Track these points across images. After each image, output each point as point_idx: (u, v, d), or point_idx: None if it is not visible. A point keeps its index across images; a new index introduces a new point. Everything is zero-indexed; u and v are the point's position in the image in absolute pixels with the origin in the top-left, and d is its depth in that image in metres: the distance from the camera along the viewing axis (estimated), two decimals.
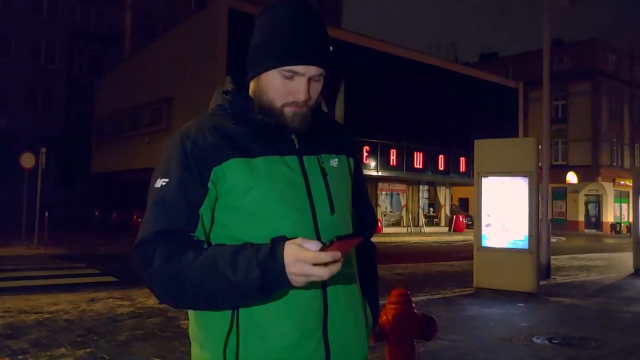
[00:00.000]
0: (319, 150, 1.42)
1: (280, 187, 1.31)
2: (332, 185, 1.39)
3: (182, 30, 24.53)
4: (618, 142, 41.60)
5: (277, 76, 1.33)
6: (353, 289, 1.41)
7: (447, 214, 33.63)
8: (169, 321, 6.23)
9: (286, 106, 1.34)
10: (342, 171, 1.46)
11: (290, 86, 1.33)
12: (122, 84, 29.24)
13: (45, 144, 20.63)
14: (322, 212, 1.35)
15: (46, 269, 11.01)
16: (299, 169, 1.35)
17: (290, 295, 1.27)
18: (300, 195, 1.33)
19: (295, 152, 1.37)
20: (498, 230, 9.08)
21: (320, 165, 1.39)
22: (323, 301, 1.32)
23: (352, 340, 1.39)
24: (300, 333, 1.28)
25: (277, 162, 1.33)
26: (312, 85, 1.35)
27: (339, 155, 1.47)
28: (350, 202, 1.48)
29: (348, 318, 1.37)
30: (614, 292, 9.47)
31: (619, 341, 5.74)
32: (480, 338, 5.76)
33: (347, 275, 1.37)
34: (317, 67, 1.34)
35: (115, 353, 4.90)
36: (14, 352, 4.85)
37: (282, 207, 1.30)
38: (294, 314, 1.28)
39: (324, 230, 1.33)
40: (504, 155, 9.08)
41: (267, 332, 1.27)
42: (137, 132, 26.58)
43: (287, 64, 1.31)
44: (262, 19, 1.38)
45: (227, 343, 1.28)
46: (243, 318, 1.28)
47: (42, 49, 31.52)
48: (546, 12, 12.22)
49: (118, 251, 15.10)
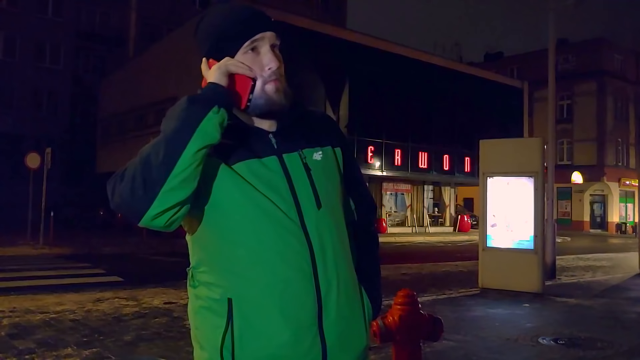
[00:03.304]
0: (299, 146, 1.40)
1: (261, 189, 1.31)
2: (317, 180, 1.38)
3: (187, 30, 24.55)
4: (623, 142, 41.45)
5: (241, 57, 1.36)
6: (348, 280, 1.41)
7: (452, 214, 33.57)
8: (174, 321, 6.24)
9: (266, 83, 1.36)
10: (328, 163, 1.44)
11: (258, 60, 1.36)
12: (127, 84, 29.31)
13: (51, 144, 20.70)
14: (307, 208, 1.34)
15: (52, 269, 11.04)
16: (279, 169, 1.35)
17: (283, 293, 1.29)
18: (282, 194, 1.33)
19: (274, 152, 1.36)
20: (503, 231, 9.06)
21: (303, 161, 1.38)
22: (316, 296, 1.32)
23: (349, 333, 1.39)
24: (295, 330, 1.29)
25: (255, 165, 1.33)
26: (276, 54, 1.39)
27: (323, 148, 1.44)
28: (341, 194, 1.47)
29: (343, 311, 1.37)
30: (619, 292, 9.44)
31: (625, 342, 5.71)
32: (486, 338, 5.74)
33: (341, 267, 1.39)
34: (271, 32, 1.38)
35: (121, 353, 4.91)
36: (21, 352, 4.86)
37: (265, 208, 1.30)
38: (286, 311, 1.29)
39: (311, 225, 1.34)
40: (509, 156, 9.06)
41: (261, 331, 1.28)
42: (142, 132, 26.62)
43: (246, 39, 1.35)
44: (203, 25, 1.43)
45: (224, 342, 1.30)
46: (237, 317, 1.29)
47: (47, 50, 31.62)
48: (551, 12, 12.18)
49: (123, 251, 15.14)
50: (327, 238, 1.36)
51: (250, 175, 1.31)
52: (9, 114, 30.14)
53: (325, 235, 1.36)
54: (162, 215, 1.20)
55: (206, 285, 1.35)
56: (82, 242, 17.17)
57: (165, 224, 1.23)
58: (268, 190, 1.31)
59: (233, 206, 1.30)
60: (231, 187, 1.30)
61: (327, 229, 1.37)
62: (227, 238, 1.31)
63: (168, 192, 1.18)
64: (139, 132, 27.00)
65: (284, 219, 1.31)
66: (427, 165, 29.02)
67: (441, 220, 33.07)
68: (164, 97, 24.64)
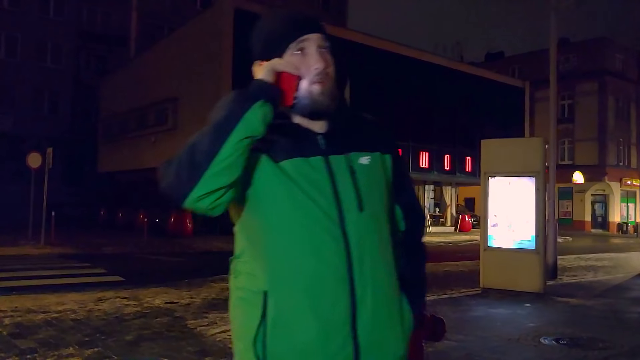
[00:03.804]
0: (347, 149, 1.43)
1: (304, 187, 1.35)
2: (361, 183, 1.40)
3: (188, 30, 24.58)
4: (625, 142, 41.41)
5: (289, 58, 1.40)
6: (386, 286, 1.41)
7: (453, 214, 33.56)
8: (176, 321, 6.24)
9: (312, 83, 1.39)
10: (375, 169, 1.45)
11: (305, 61, 1.40)
12: (128, 84, 29.32)
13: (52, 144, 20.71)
14: (349, 209, 1.37)
15: (53, 269, 11.05)
16: (324, 169, 1.38)
17: (315, 290, 1.32)
18: (324, 194, 1.36)
19: (320, 153, 1.39)
20: (505, 231, 9.05)
21: (348, 164, 1.41)
22: (351, 297, 1.33)
23: (385, 338, 1.39)
24: (324, 328, 1.31)
25: (301, 164, 1.36)
26: (323, 55, 1.42)
27: (372, 153, 1.46)
28: (387, 200, 1.47)
29: (379, 315, 1.37)
30: (621, 292, 9.43)
31: (626, 342, 5.70)
32: (487, 338, 5.74)
33: (380, 272, 1.39)
34: (318, 34, 1.42)
35: (123, 353, 4.91)
36: (22, 352, 4.86)
37: (304, 206, 1.34)
38: (318, 308, 1.31)
39: (351, 226, 1.36)
40: (510, 155, 9.05)
41: (293, 325, 1.32)
42: (143, 131, 26.65)
43: (293, 40, 1.40)
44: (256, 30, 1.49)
45: (257, 334, 1.34)
46: (270, 310, 1.33)
47: (48, 50, 31.66)
48: (552, 12, 12.17)
49: (124, 251, 15.15)
50: (367, 241, 1.37)
51: (295, 172, 1.35)
52: (10, 114, 30.18)
53: (365, 238, 1.37)
54: (205, 198, 1.27)
55: (246, 276, 1.42)
56: (83, 241, 17.18)
57: (209, 206, 1.29)
58: (311, 188, 1.35)
59: (273, 201, 1.35)
60: (274, 182, 1.35)
61: (368, 233, 1.38)
62: (265, 230, 1.36)
63: (211, 177, 1.24)
64: (140, 132, 27.02)
65: (322, 218, 1.34)
66: (428, 165, 29.01)
67: (442, 220, 33.06)
68: (165, 97, 24.67)
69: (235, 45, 20.92)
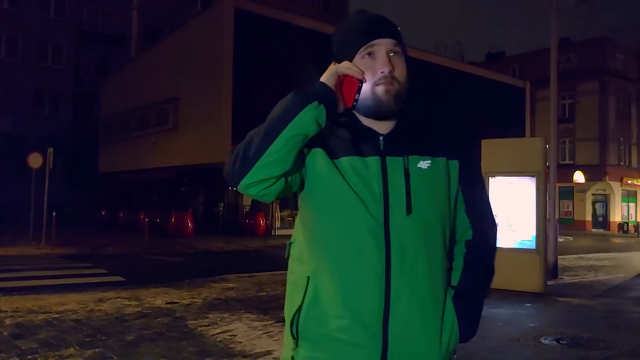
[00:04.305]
0: (407, 151, 1.45)
1: (354, 185, 1.39)
2: (415, 186, 1.42)
3: (189, 30, 24.57)
4: (625, 142, 41.35)
5: (359, 61, 1.45)
6: (427, 291, 1.41)
7: None
8: (176, 321, 6.25)
9: (377, 85, 1.43)
10: (435, 173, 1.45)
11: (373, 64, 1.44)
12: (128, 84, 29.33)
13: (53, 144, 20.75)
14: (396, 211, 1.39)
15: (54, 269, 11.06)
16: (379, 170, 1.42)
17: (349, 285, 1.37)
18: (374, 194, 1.39)
19: (378, 153, 1.43)
20: (505, 230, 9.05)
21: (405, 166, 1.43)
22: (385, 297, 1.36)
23: (417, 343, 1.39)
24: (353, 321, 1.36)
25: (357, 162, 1.42)
26: (393, 60, 1.46)
27: (435, 158, 1.46)
28: (444, 206, 1.46)
29: (413, 319, 1.38)
30: (622, 292, 9.43)
31: (627, 342, 5.71)
32: (488, 338, 5.74)
33: (421, 275, 1.39)
34: (389, 39, 1.46)
35: (124, 353, 4.92)
36: (23, 352, 4.87)
37: (351, 203, 1.39)
38: (349, 302, 1.37)
39: (395, 228, 1.38)
40: (511, 155, 9.05)
41: (324, 313, 1.39)
42: (144, 132, 26.66)
43: (362, 44, 1.45)
44: (336, 32, 1.56)
45: (295, 316, 1.44)
46: (308, 295, 1.42)
47: (49, 50, 31.68)
48: (553, 11, 12.17)
49: (125, 251, 15.16)
50: (410, 244, 1.39)
51: (351, 171, 1.41)
52: (11, 114, 30.19)
53: (409, 241, 1.38)
54: (254, 186, 1.38)
55: (295, 260, 1.51)
56: (84, 242, 17.18)
57: (258, 194, 1.40)
58: (362, 188, 1.40)
59: (324, 196, 1.42)
60: (327, 177, 1.41)
61: (413, 235, 1.39)
62: (314, 222, 1.44)
63: (260, 168, 1.34)
64: (141, 132, 27.03)
65: (366, 217, 1.38)
66: None
67: None
68: (165, 97, 24.68)
69: (235, 44, 20.92)
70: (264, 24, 21.29)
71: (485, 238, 1.56)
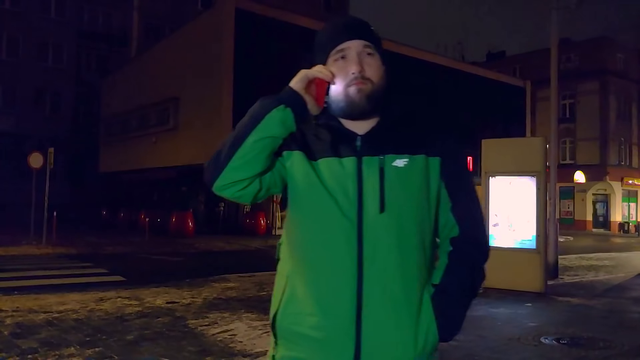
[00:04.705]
0: (384, 151, 1.45)
1: (329, 186, 1.42)
2: (389, 185, 1.42)
3: (189, 30, 24.57)
4: (626, 141, 41.34)
5: (332, 64, 1.48)
6: (399, 289, 1.40)
7: None
8: (177, 321, 6.25)
9: (349, 86, 1.45)
10: (412, 171, 1.44)
11: (344, 66, 1.46)
12: (129, 83, 29.33)
13: (53, 144, 20.74)
14: (369, 210, 1.41)
15: (54, 269, 11.06)
16: (354, 170, 1.43)
17: (322, 284, 1.40)
18: (348, 194, 1.41)
19: (354, 154, 1.45)
20: (505, 230, 9.06)
21: (380, 166, 1.43)
22: (357, 295, 1.38)
23: (391, 340, 1.39)
24: (325, 319, 1.39)
25: (334, 164, 1.44)
26: (365, 61, 1.47)
27: (414, 155, 1.45)
28: (421, 203, 1.45)
29: (387, 317, 1.39)
30: (622, 292, 9.43)
31: (627, 341, 5.71)
32: (488, 338, 5.74)
33: (394, 273, 1.39)
34: (359, 40, 1.48)
35: (124, 352, 4.92)
36: (24, 352, 4.88)
37: (324, 204, 1.41)
38: (322, 301, 1.39)
39: (368, 228, 1.40)
40: (511, 155, 9.05)
41: (298, 311, 1.42)
42: (145, 131, 26.65)
43: (333, 47, 1.48)
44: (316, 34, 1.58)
45: (275, 314, 1.47)
46: (286, 294, 1.46)
47: (50, 49, 31.69)
48: (554, 11, 12.17)
49: (126, 251, 15.16)
50: (383, 242, 1.39)
51: (327, 172, 1.44)
52: (11, 114, 30.20)
53: (381, 240, 1.39)
54: (228, 188, 1.44)
55: (282, 260, 1.55)
56: (84, 241, 17.19)
57: (233, 195, 1.46)
58: (336, 188, 1.42)
59: (300, 197, 1.46)
60: (303, 179, 1.45)
61: (386, 234, 1.40)
62: (293, 224, 1.49)
63: (230, 171, 1.41)
64: (142, 132, 27.02)
65: (339, 217, 1.40)
66: None
67: None
68: (166, 97, 24.67)
69: (236, 44, 20.93)
70: (264, 24, 21.29)
71: (471, 235, 1.51)
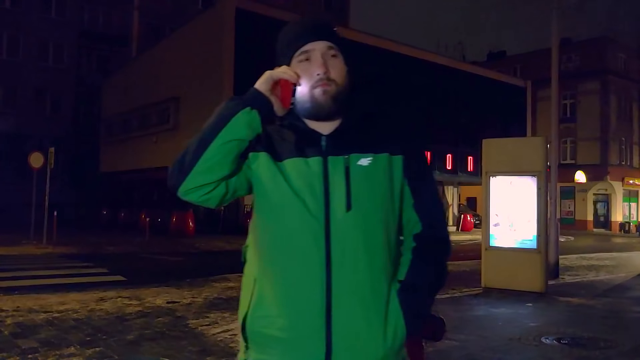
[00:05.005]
0: (348, 150, 1.45)
1: (296, 186, 1.41)
2: (355, 184, 1.42)
3: (190, 29, 24.59)
4: (627, 141, 41.33)
5: (296, 65, 1.47)
6: (367, 287, 1.41)
7: (455, 214, 33.52)
8: (177, 321, 6.25)
9: (314, 88, 1.44)
10: (376, 170, 1.45)
11: (309, 68, 1.45)
12: (129, 83, 29.35)
13: (54, 144, 20.74)
14: (336, 209, 1.40)
15: (55, 268, 11.05)
16: (320, 170, 1.43)
17: (290, 285, 1.39)
18: (315, 194, 1.41)
19: (320, 154, 1.45)
20: (506, 230, 9.05)
21: (345, 165, 1.43)
22: (326, 294, 1.37)
23: (361, 338, 1.39)
24: (294, 319, 1.38)
25: (299, 164, 1.44)
26: (329, 62, 1.46)
27: (378, 154, 1.46)
28: (386, 201, 1.46)
29: (356, 315, 1.39)
30: (623, 292, 9.42)
31: (628, 341, 5.70)
32: (489, 338, 5.74)
33: (362, 271, 1.40)
34: (322, 41, 1.47)
35: (124, 352, 4.92)
36: (24, 351, 4.87)
37: (291, 204, 1.40)
38: (291, 301, 1.39)
39: (335, 226, 1.40)
40: (512, 155, 9.04)
41: (268, 313, 1.41)
42: (145, 131, 26.67)
43: (297, 49, 1.47)
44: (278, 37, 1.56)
45: (245, 318, 1.45)
46: (254, 297, 1.44)
47: (50, 49, 31.70)
48: (555, 11, 12.16)
49: (126, 250, 15.16)
50: (350, 240, 1.40)
51: (293, 172, 1.43)
52: (12, 114, 30.22)
53: (349, 238, 1.40)
54: (193, 192, 1.42)
55: (249, 263, 1.52)
56: (85, 241, 17.20)
57: (199, 199, 1.44)
58: (303, 188, 1.41)
59: (266, 198, 1.45)
60: (269, 180, 1.44)
61: (354, 232, 1.40)
62: (259, 225, 1.47)
63: (196, 174, 1.39)
64: (142, 132, 27.05)
65: (307, 217, 1.39)
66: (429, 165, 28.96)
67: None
68: (166, 97, 24.69)
69: (236, 44, 20.94)
70: (265, 24, 21.28)
71: (433, 231, 1.54)
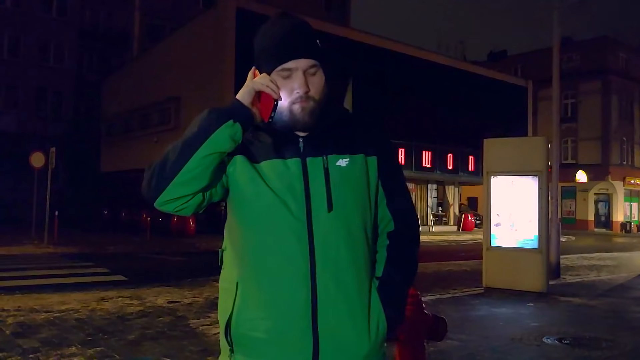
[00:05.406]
0: (326, 151, 1.46)
1: (276, 188, 1.41)
2: (335, 184, 1.44)
3: (191, 29, 24.59)
4: (628, 141, 41.31)
5: (277, 76, 1.44)
6: (351, 285, 1.43)
7: (456, 213, 33.51)
8: (178, 320, 6.25)
9: (293, 104, 1.43)
10: (354, 170, 1.47)
11: (290, 83, 1.43)
12: (130, 83, 29.36)
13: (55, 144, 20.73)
14: (318, 210, 1.41)
15: (56, 268, 11.06)
16: (299, 171, 1.43)
17: (276, 286, 1.39)
18: (295, 195, 1.41)
19: (298, 155, 1.45)
20: (507, 230, 9.04)
21: (324, 166, 1.44)
22: (312, 293, 1.39)
23: (347, 336, 1.42)
24: (280, 321, 1.38)
25: (278, 165, 1.44)
26: (310, 79, 1.45)
27: (354, 155, 1.48)
28: (364, 201, 1.49)
29: (342, 313, 1.41)
30: (624, 292, 9.41)
31: (629, 341, 5.69)
32: (490, 338, 5.73)
33: (346, 271, 1.42)
34: (306, 59, 1.44)
35: (125, 352, 4.92)
36: (25, 351, 4.87)
37: (273, 206, 1.41)
38: (277, 302, 1.39)
39: (318, 226, 1.41)
40: (513, 154, 9.03)
41: (253, 316, 1.41)
42: (146, 131, 26.68)
43: (279, 64, 1.43)
44: (258, 35, 1.51)
45: (228, 322, 1.45)
46: (238, 300, 1.43)
47: (51, 49, 31.70)
48: (556, 10, 12.15)
49: (127, 250, 15.17)
50: (333, 241, 1.41)
51: (272, 174, 1.43)
52: (13, 114, 30.23)
53: (331, 238, 1.41)
54: (170, 203, 1.40)
55: (227, 266, 1.51)
56: (86, 241, 17.21)
57: (175, 209, 1.43)
58: (283, 190, 1.41)
59: (245, 201, 1.44)
60: (248, 182, 1.43)
61: (336, 232, 1.42)
62: (239, 228, 1.46)
63: (176, 186, 1.37)
64: (143, 132, 27.05)
65: (289, 218, 1.40)
66: (430, 165, 28.98)
67: (445, 220, 33.02)
68: (167, 97, 24.69)
69: (237, 44, 20.93)
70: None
71: (406, 229, 1.58)
